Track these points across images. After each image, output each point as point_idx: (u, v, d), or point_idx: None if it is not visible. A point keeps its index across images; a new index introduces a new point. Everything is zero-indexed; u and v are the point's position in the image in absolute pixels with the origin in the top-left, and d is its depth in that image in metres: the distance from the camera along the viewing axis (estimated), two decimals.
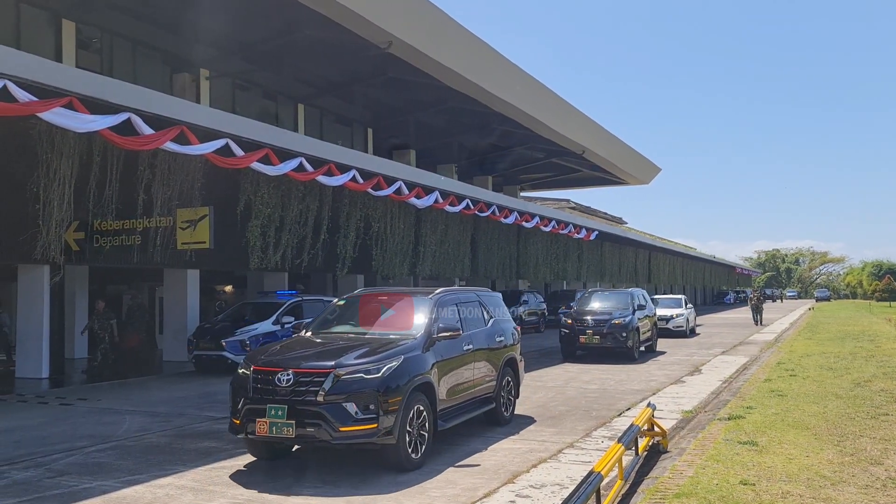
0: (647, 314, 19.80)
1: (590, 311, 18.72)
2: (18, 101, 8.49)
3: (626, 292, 19.91)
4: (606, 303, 19.27)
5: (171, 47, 19.78)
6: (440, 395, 7.62)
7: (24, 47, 14.49)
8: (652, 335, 19.97)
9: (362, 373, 6.80)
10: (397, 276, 19.83)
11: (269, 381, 6.80)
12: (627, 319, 17.90)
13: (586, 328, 17.97)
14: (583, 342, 17.97)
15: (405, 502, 6.12)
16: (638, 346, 18.19)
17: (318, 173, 14.15)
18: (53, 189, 11.04)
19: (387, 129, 28.86)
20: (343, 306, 8.89)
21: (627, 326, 17.74)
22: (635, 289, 21.45)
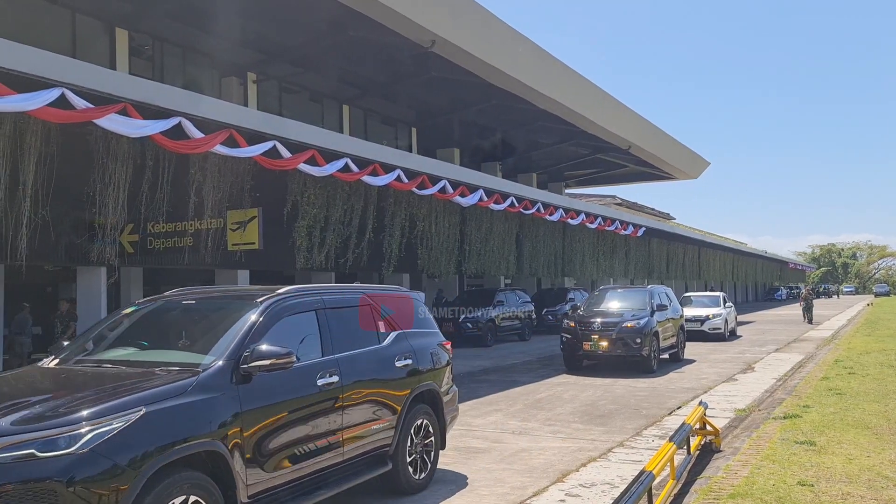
0: (671, 316, 16.69)
1: (598, 313, 15.67)
2: (76, 108, 8.78)
3: (643, 290, 17.11)
4: (619, 303, 16.42)
5: (219, 52, 20.18)
6: (248, 470, 4.59)
7: (80, 56, 14.95)
8: (678, 341, 16.91)
9: (33, 448, 3.74)
10: (443, 275, 19.88)
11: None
12: (643, 322, 14.89)
13: (592, 332, 14.92)
14: (587, 349, 14.89)
15: (455, 501, 6.13)
16: (657, 353, 15.13)
17: (364, 173, 14.28)
18: (108, 193, 11.37)
19: (430, 128, 28.93)
20: (130, 316, 5.86)
21: (643, 330, 14.72)
22: (656, 286, 18.63)
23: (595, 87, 27.11)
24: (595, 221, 25.48)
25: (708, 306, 23.44)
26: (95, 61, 14.74)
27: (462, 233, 19.63)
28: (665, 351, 16.08)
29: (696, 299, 24.38)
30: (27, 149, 9.79)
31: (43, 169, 10.17)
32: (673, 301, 17.76)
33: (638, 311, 15.49)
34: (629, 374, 14.41)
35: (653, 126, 32.66)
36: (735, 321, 25.17)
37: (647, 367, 14.69)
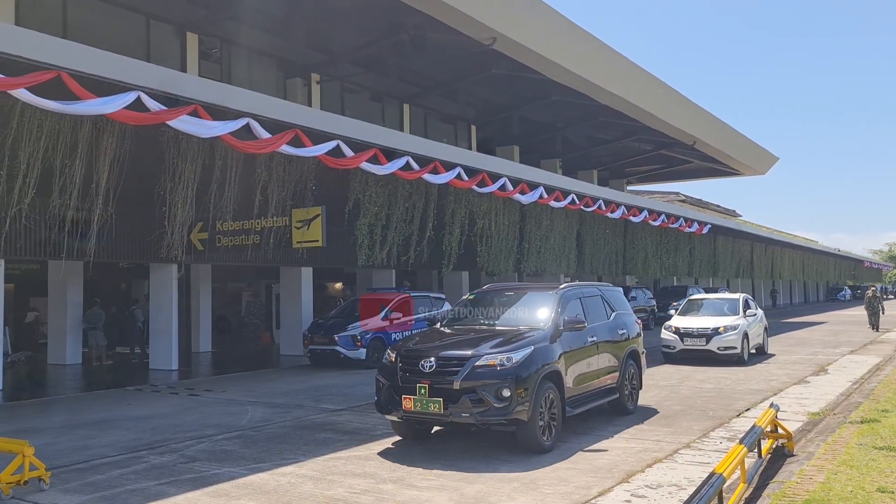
0: (610, 338, 10.03)
1: (444, 343, 12.52)
2: (150, 110, 9.09)
3: (551, 293, 15.06)
4: (509, 313, 10.55)
5: (284, 54, 20.61)
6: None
7: (154, 60, 15.51)
8: (619, 383, 10.04)
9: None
10: (502, 273, 19.82)
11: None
12: (519, 358, 7.59)
13: (417, 377, 12.43)
14: (407, 407, 7.44)
15: (518, 498, 6.11)
16: (547, 420, 7.86)
17: (424, 171, 14.35)
18: (178, 192, 11.73)
19: (490, 125, 28.88)
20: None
21: (509, 376, 8.00)
22: (583, 285, 16.67)
23: (659, 81, 26.58)
24: (658, 219, 24.96)
25: (720, 314, 16.91)
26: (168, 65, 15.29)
27: (521, 230, 19.51)
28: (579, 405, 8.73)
29: (706, 304, 18.16)
30: (103, 150, 10.19)
31: (116, 169, 10.59)
32: (621, 310, 10.47)
33: (519, 336, 8.13)
34: (694, 375, 14.06)
35: (718, 121, 31.80)
36: (764, 335, 18.14)
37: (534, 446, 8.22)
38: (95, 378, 15.72)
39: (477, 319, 9.08)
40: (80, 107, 8.45)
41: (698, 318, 16.94)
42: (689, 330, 16.31)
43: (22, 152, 9.21)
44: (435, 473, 6.90)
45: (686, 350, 16.19)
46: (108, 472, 7.24)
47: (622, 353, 9.75)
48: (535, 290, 9.50)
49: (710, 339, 15.96)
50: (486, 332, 8.47)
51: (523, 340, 7.83)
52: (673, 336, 16.49)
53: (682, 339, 16.26)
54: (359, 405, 11.06)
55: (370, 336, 16.18)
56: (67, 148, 9.53)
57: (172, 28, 17.97)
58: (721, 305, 17.64)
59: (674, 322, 17.00)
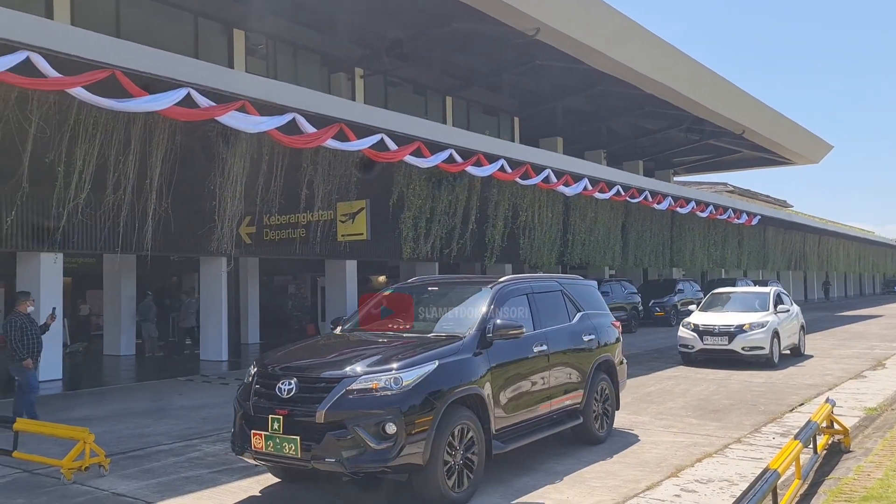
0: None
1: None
2: (200, 106, 9.27)
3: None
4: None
5: (328, 49, 20.79)
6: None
7: (202, 57, 15.79)
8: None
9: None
10: (545, 266, 19.71)
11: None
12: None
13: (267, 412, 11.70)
14: (257, 447, 6.79)
15: (566, 491, 6.08)
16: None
17: (468, 164, 14.33)
18: (227, 187, 11.93)
19: (533, 116, 28.67)
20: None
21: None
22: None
23: (706, 69, 26.02)
24: (706, 210, 24.47)
25: (747, 310, 15.15)
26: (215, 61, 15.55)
27: (565, 222, 19.34)
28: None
29: (733, 298, 16.35)
30: (155, 146, 10.43)
31: (168, 165, 10.83)
32: (590, 310, 8.56)
33: (426, 346, 6.29)
34: (745, 368, 13.78)
35: (769, 109, 30.98)
36: (800, 333, 16.20)
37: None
38: (148, 368, 16.18)
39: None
40: (132, 104, 8.66)
41: (722, 313, 15.15)
42: (709, 327, 14.47)
43: (78, 149, 9.48)
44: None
45: (706, 350, 14.41)
46: (163, 460, 7.45)
47: (589, 364, 7.68)
48: (465, 285, 7.63)
49: (734, 338, 14.14)
50: (385, 340, 6.54)
51: (425, 353, 5.78)
52: (691, 334, 14.66)
53: (701, 338, 14.43)
54: None
55: None
56: (121, 144, 9.78)
57: (220, 25, 18.27)
58: (749, 300, 15.79)
59: (693, 318, 15.13)
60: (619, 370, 8.39)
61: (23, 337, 9.07)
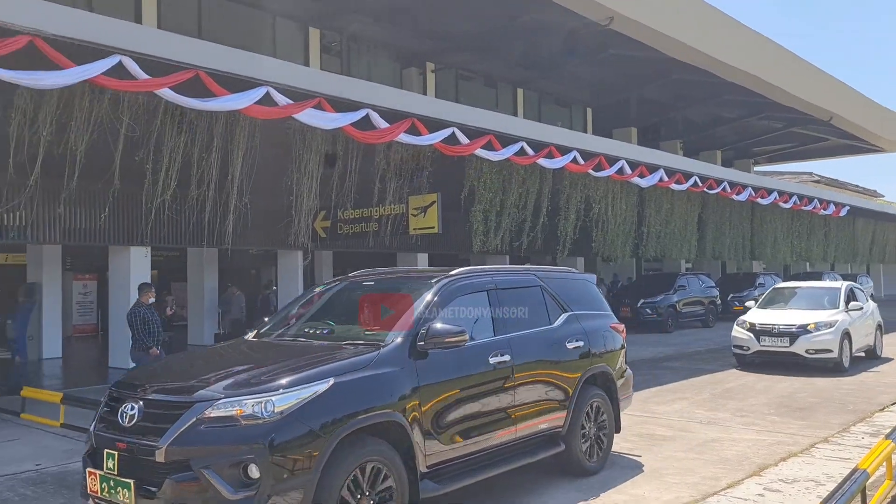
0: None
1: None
2: (278, 104, 9.55)
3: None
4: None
5: (400, 44, 21.00)
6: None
7: (279, 56, 16.22)
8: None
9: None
10: (619, 259, 19.39)
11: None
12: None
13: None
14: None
15: (642, 485, 6.01)
16: None
17: (539, 156, 14.25)
18: (303, 182, 12.26)
19: (606, 107, 28.20)
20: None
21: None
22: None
23: (789, 53, 24.98)
24: (789, 200, 23.53)
25: (813, 308, 13.51)
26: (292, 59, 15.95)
27: (640, 215, 18.97)
28: None
29: (798, 294, 14.60)
30: (236, 143, 10.82)
31: (248, 161, 11.21)
32: (580, 310, 7.07)
33: (327, 356, 5.06)
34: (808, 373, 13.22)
35: (857, 93, 29.50)
36: (876, 333, 14.64)
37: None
38: None
39: (306, 324, 5.84)
40: (215, 103, 9.00)
41: (783, 311, 13.56)
42: (767, 327, 12.95)
43: (165, 147, 9.93)
44: None
45: (763, 352, 12.94)
46: None
47: (575, 378, 6.19)
48: (409, 279, 6.28)
49: (796, 340, 12.57)
50: (287, 350, 5.28)
51: (316, 368, 4.51)
52: (746, 334, 13.16)
53: (757, 339, 12.95)
54: None
55: None
56: (204, 142, 10.18)
57: (296, 24, 18.71)
58: (817, 296, 14.04)
59: (749, 316, 13.52)
60: (620, 384, 6.83)
61: (146, 327, 9.54)
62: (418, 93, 19.84)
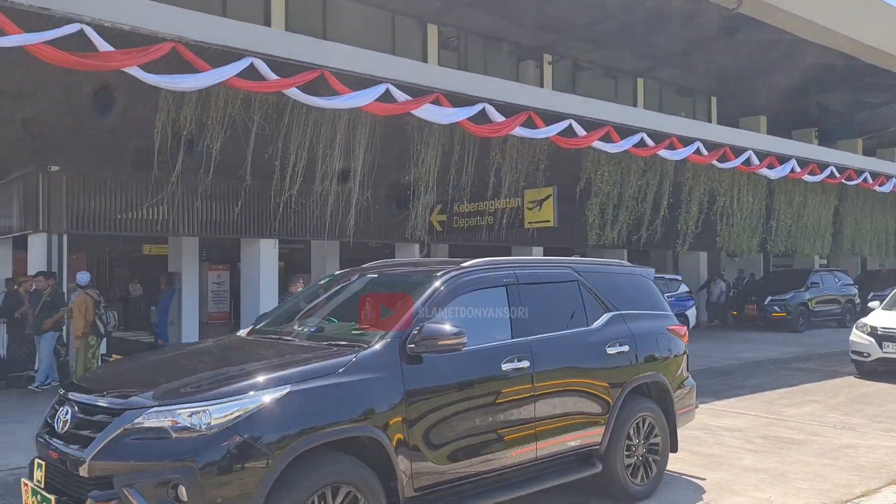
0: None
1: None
2: (397, 101, 9.82)
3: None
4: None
5: (517, 37, 20.98)
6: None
7: (398, 52, 16.65)
8: None
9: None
10: (745, 254, 18.51)
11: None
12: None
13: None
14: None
15: (767, 490, 5.76)
16: None
17: (660, 148, 13.85)
18: (420, 177, 12.54)
19: (732, 95, 26.89)
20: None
21: None
22: None
23: None
24: None
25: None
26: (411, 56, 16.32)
27: (768, 207, 18.00)
28: None
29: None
30: (358, 140, 11.23)
31: (369, 157, 11.60)
32: (627, 309, 6.06)
33: (293, 360, 4.44)
34: None
35: None
36: None
37: None
38: None
39: (299, 320, 5.30)
40: (339, 101, 9.38)
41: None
42: (892, 331, 11.42)
43: (292, 144, 10.46)
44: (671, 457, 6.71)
45: (886, 359, 11.42)
46: None
47: (617, 388, 5.37)
48: (416, 272, 5.42)
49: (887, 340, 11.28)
50: (263, 350, 4.77)
51: (274, 373, 3.93)
52: (867, 339, 11.67)
53: (879, 344, 11.43)
54: None
55: None
56: (328, 139, 10.63)
57: (414, 21, 19.10)
58: None
59: (871, 319, 12.02)
60: (678, 396, 5.89)
61: None
62: (535, 85, 19.74)
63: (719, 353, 15.36)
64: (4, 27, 6.84)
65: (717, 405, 9.34)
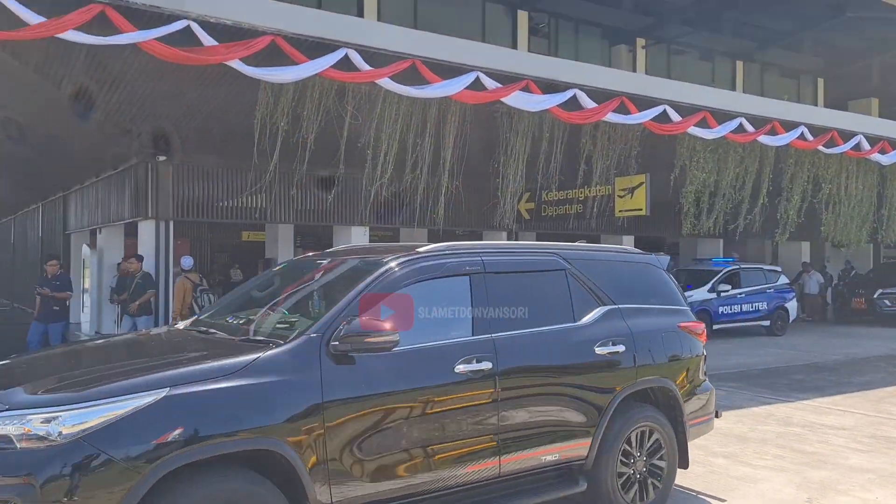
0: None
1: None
2: (487, 89, 9.82)
3: None
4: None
5: (609, 21, 20.53)
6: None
7: (488, 40, 16.60)
8: None
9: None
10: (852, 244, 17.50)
11: None
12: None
13: None
14: None
15: (874, 490, 5.46)
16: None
17: (760, 133, 13.28)
18: (510, 165, 12.51)
19: (841, 77, 25.37)
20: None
21: None
22: None
23: None
24: None
25: None
26: (500, 43, 16.27)
27: (880, 195, 16.95)
28: None
29: None
30: (448, 128, 11.31)
31: (459, 145, 11.66)
32: (627, 303, 5.25)
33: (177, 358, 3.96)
34: None
35: None
36: None
37: None
38: None
39: (235, 311, 4.75)
40: (430, 90, 9.47)
41: None
42: None
43: (383, 134, 10.65)
44: (772, 454, 6.48)
45: None
46: None
47: (608, 394, 4.67)
48: (361, 258, 4.57)
49: None
50: (168, 345, 4.46)
51: (152, 374, 3.41)
52: None
53: None
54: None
55: (696, 308, 15.57)
56: (418, 128, 10.76)
57: (504, 7, 19.00)
58: None
59: None
60: (689, 404, 5.12)
61: None
62: (627, 70, 19.27)
63: (822, 348, 14.65)
64: (120, 25, 7.28)
65: (820, 402, 8.94)
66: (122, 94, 10.01)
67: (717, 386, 5.79)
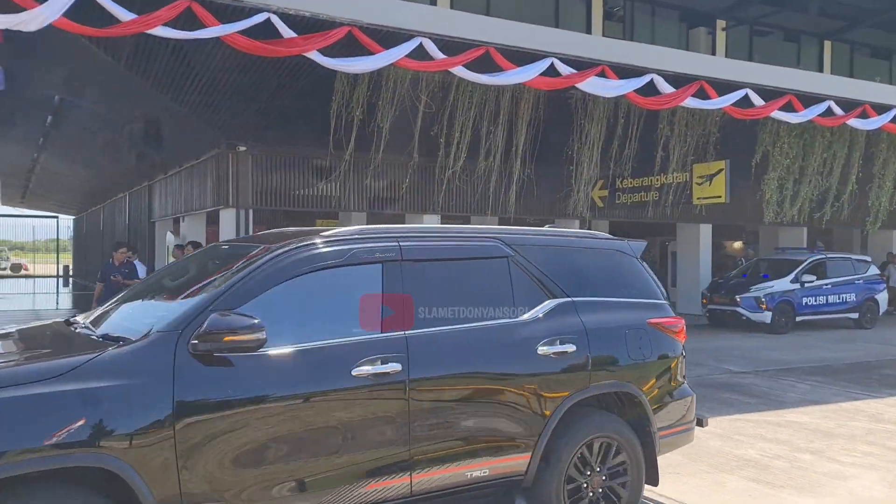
0: None
1: None
2: (561, 74, 9.70)
3: None
4: None
5: (687, 3, 19.90)
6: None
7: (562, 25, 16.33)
8: None
9: None
10: None
11: None
12: None
13: None
14: None
15: None
16: None
17: (849, 117, 12.66)
18: (584, 152, 12.36)
19: None
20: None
21: None
22: None
23: None
24: None
25: None
26: (574, 28, 16.00)
27: None
28: None
29: None
30: (521, 115, 11.25)
31: (532, 133, 11.58)
32: (583, 295, 4.56)
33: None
34: None
35: None
36: None
37: None
38: None
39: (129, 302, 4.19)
40: (503, 77, 9.42)
41: None
42: None
43: (456, 121, 10.69)
44: (862, 451, 6.21)
45: None
46: None
47: (553, 401, 3.98)
48: (259, 243, 3.91)
49: None
50: (28, 341, 3.87)
51: None
52: None
53: None
54: (765, 370, 10.43)
55: (777, 299, 15.03)
56: (492, 115, 10.76)
57: None
58: None
59: None
60: (659, 412, 4.40)
61: None
62: (706, 53, 18.67)
63: None
64: (204, 20, 7.53)
65: None
66: (203, 86, 10.37)
67: (800, 380, 5.61)
